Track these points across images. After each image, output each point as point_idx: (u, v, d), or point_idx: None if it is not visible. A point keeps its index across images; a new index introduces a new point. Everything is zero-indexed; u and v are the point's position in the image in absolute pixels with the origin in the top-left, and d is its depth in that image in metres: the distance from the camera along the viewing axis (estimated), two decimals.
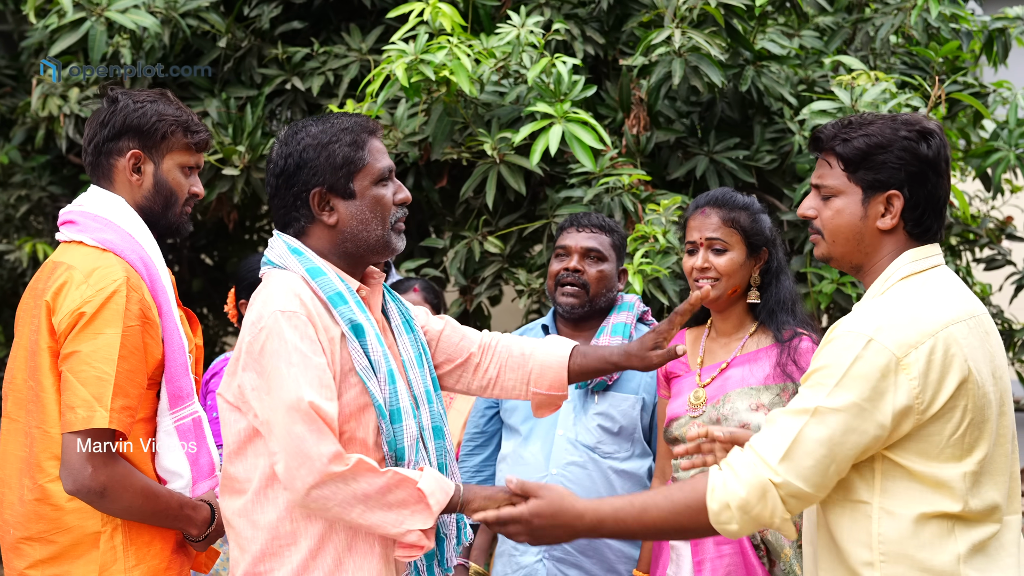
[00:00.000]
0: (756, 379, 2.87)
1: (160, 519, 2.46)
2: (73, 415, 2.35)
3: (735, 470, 2.10)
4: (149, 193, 2.57)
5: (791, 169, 4.44)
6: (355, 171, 2.33)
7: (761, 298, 2.95)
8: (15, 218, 5.28)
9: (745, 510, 2.08)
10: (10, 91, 5.50)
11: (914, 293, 2.15)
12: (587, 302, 3.23)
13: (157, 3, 4.51)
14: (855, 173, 2.21)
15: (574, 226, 3.29)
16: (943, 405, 2.06)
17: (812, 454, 2.06)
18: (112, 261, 2.45)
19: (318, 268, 2.31)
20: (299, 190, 2.33)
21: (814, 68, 4.58)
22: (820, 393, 2.07)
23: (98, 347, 2.37)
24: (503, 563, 3.27)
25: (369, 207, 2.34)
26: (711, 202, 2.96)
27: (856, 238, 2.23)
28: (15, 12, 5.43)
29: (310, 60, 4.76)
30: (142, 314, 2.43)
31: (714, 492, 2.10)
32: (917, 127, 2.20)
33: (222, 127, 4.61)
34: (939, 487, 2.08)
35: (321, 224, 2.34)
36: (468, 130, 4.27)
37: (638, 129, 4.32)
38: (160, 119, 2.55)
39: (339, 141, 2.33)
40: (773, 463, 2.07)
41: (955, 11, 4.60)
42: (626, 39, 4.64)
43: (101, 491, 2.36)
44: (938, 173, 2.20)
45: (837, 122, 2.27)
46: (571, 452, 3.18)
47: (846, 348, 2.08)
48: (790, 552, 2.75)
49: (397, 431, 2.32)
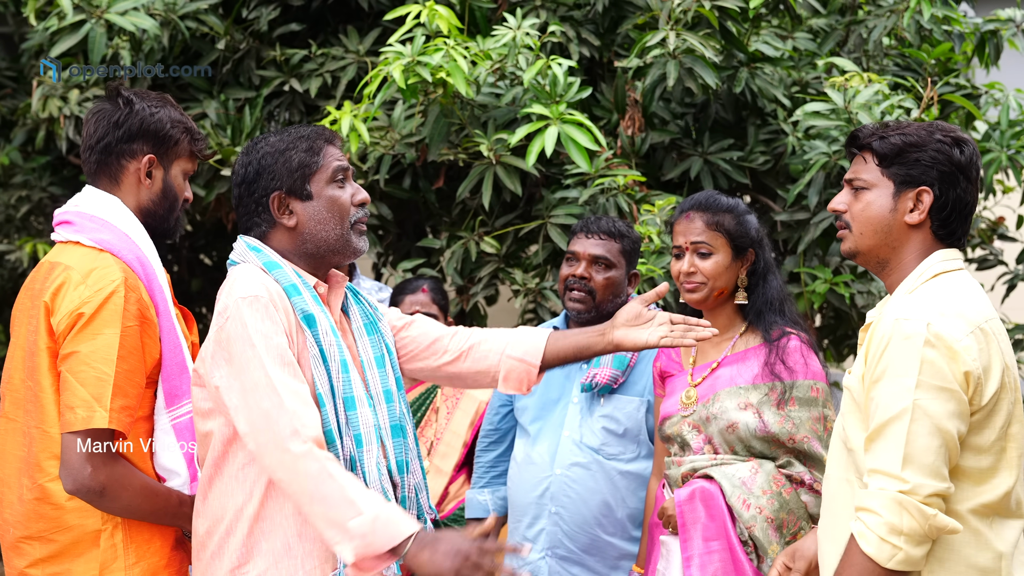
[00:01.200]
0: (744, 379, 2.89)
1: (160, 517, 2.46)
2: (73, 415, 2.35)
3: (866, 507, 2.13)
4: (157, 197, 2.57)
5: (784, 170, 4.46)
6: (310, 173, 2.43)
7: (749, 299, 2.96)
8: (15, 218, 5.30)
9: (897, 531, 2.10)
10: (11, 92, 5.52)
11: (952, 288, 2.22)
12: (593, 308, 3.24)
13: (156, 5, 4.53)
14: (889, 168, 2.28)
15: (584, 232, 3.29)
16: (993, 393, 2.14)
17: (928, 449, 2.10)
18: (109, 261, 2.45)
19: (274, 262, 2.41)
20: (259, 195, 2.44)
21: (807, 70, 4.60)
22: (905, 390, 2.11)
23: (97, 347, 2.37)
24: (510, 558, 3.31)
25: (326, 207, 2.44)
26: (695, 206, 2.97)
27: (884, 231, 2.29)
28: (16, 14, 5.45)
29: (308, 62, 4.77)
30: (140, 314, 2.43)
31: (863, 539, 2.13)
32: (952, 134, 2.27)
33: (221, 128, 4.62)
34: (982, 480, 2.16)
35: (282, 227, 2.44)
36: (464, 131, 4.27)
37: (633, 130, 4.34)
38: (173, 126, 2.56)
39: (295, 148, 2.45)
40: (897, 472, 2.10)
41: (947, 13, 4.66)
42: (621, 41, 4.65)
43: (101, 490, 2.36)
44: (968, 179, 2.26)
45: (875, 124, 2.35)
46: (576, 453, 3.21)
47: (909, 341, 2.13)
48: (778, 548, 2.77)
49: (352, 418, 2.37)
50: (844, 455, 2.32)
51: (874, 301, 4.20)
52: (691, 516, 2.79)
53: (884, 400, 2.15)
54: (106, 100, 2.60)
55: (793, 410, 2.82)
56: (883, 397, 2.15)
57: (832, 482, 2.36)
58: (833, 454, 2.38)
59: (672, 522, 2.84)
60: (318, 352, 2.37)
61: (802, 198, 4.24)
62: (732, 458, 2.85)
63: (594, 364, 3.23)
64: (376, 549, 2.21)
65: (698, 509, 2.79)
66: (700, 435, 2.89)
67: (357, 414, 2.39)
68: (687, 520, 2.80)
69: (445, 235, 4.49)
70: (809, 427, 2.83)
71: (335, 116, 4.17)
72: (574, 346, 2.59)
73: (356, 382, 2.41)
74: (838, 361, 5.07)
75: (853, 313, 4.39)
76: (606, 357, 3.20)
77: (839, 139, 4.07)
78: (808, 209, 4.23)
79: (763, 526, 2.76)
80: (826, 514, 2.38)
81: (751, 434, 2.83)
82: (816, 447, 2.82)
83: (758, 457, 2.85)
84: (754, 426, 2.82)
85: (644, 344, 2.53)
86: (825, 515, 2.38)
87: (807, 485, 2.82)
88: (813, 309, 4.33)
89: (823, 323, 4.86)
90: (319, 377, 2.36)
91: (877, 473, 2.14)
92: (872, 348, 2.21)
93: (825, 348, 4.89)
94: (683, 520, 2.80)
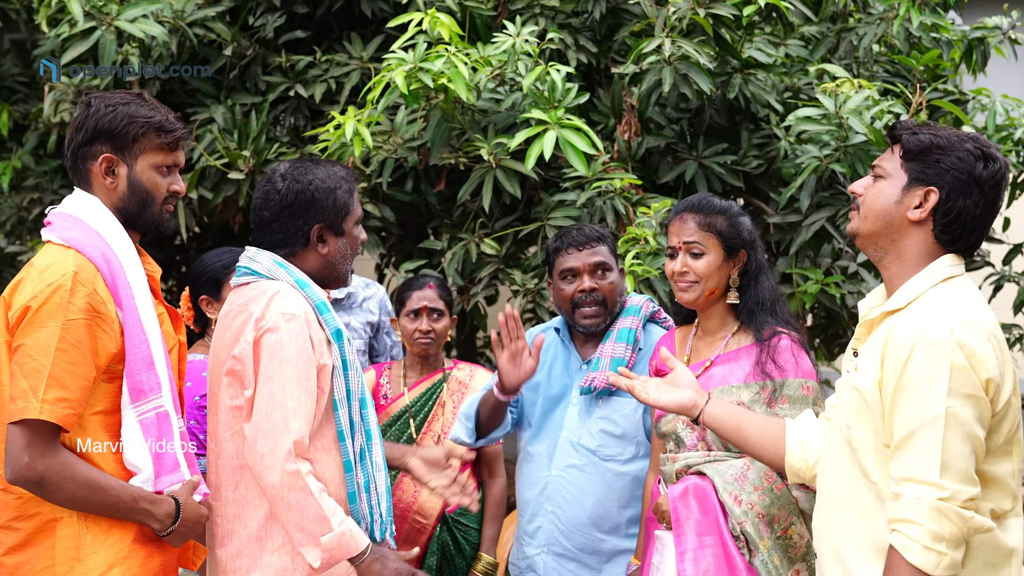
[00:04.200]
0: (736, 377, 2.90)
1: (111, 511, 2.42)
2: (14, 406, 2.35)
3: (905, 519, 2.13)
4: (124, 195, 2.54)
5: (777, 173, 4.48)
6: (347, 214, 2.73)
7: (741, 299, 2.97)
8: (28, 220, 5.35)
9: (939, 538, 2.10)
10: (23, 98, 5.57)
11: (963, 295, 2.22)
12: (607, 315, 3.25)
13: (165, 13, 4.56)
14: (909, 163, 2.28)
15: (574, 246, 3.26)
16: (1007, 399, 2.16)
17: (963, 455, 2.11)
18: (68, 257, 2.43)
19: (304, 281, 2.67)
20: (304, 223, 2.69)
21: (799, 76, 4.62)
22: (937, 398, 2.11)
23: (39, 340, 2.35)
24: (516, 549, 3.39)
25: (350, 245, 2.76)
26: (689, 208, 2.98)
27: (885, 219, 2.28)
28: (28, 21, 5.48)
29: (313, 68, 4.80)
30: (90, 308, 2.39)
31: (907, 551, 2.12)
32: (985, 148, 2.25)
33: (228, 132, 4.65)
34: (993, 484, 2.19)
35: (315, 253, 2.72)
36: (465, 136, 4.29)
37: (629, 135, 4.36)
38: (131, 121, 2.51)
39: (340, 188, 2.72)
40: (935, 480, 2.10)
41: (936, 21, 4.67)
42: (618, 48, 4.67)
43: (39, 481, 2.34)
44: (983, 194, 2.24)
45: (918, 121, 2.33)
46: (572, 455, 3.25)
47: (936, 348, 2.12)
48: (769, 543, 2.78)
49: (365, 416, 2.71)
50: (847, 452, 2.32)
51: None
52: (685, 512, 2.80)
53: (913, 407, 2.13)
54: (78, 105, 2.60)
55: (784, 408, 2.83)
56: (911, 404, 2.14)
57: (833, 478, 2.36)
58: (834, 450, 2.38)
59: (666, 517, 2.85)
60: (342, 362, 2.63)
61: (794, 201, 4.26)
62: (725, 455, 2.86)
63: (592, 368, 3.24)
64: (338, 559, 2.55)
65: (691, 505, 2.80)
66: (694, 432, 2.91)
67: (369, 412, 2.69)
68: (681, 516, 2.80)
69: (446, 237, 4.49)
70: None
71: (339, 121, 4.20)
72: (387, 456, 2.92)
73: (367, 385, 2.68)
74: (829, 360, 5.08)
75: (844, 313, 4.40)
76: (604, 360, 3.22)
77: (830, 143, 4.10)
78: (800, 212, 4.25)
79: (754, 521, 2.77)
80: (824, 508, 2.38)
81: None
82: None
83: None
84: None
85: (425, 484, 2.94)
86: (823, 509, 2.39)
87: None
88: (805, 309, 4.34)
89: (814, 323, 4.87)
90: (340, 384, 2.62)
91: (911, 481, 2.13)
92: (891, 353, 2.19)
93: (816, 347, 4.88)
94: (677, 515, 2.81)
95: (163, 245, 5.74)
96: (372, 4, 4.86)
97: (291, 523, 2.52)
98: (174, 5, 4.60)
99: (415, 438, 3.63)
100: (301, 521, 2.51)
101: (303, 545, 2.53)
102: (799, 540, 2.83)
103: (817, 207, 4.23)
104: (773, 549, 2.80)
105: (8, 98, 5.65)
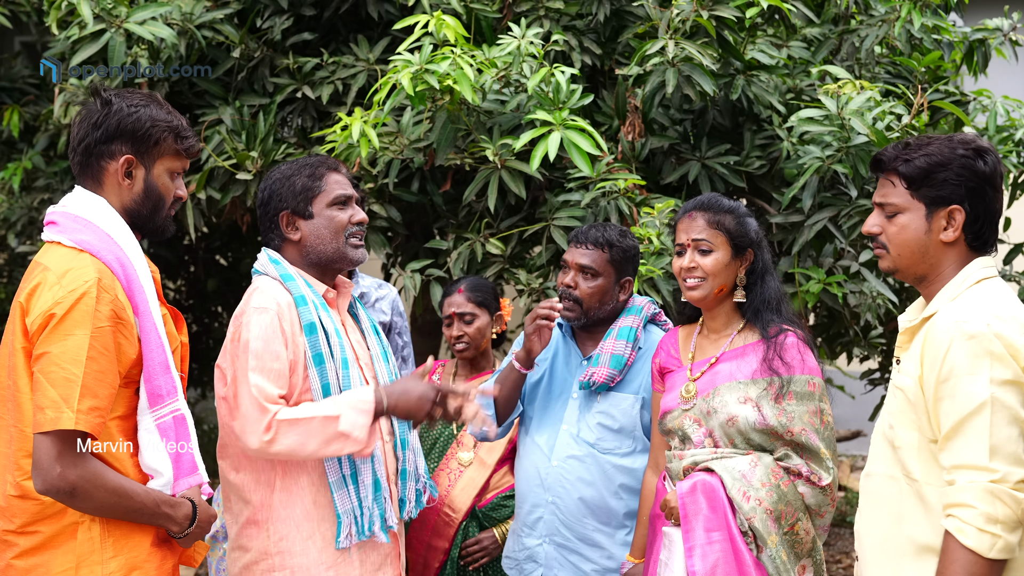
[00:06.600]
0: (743, 374, 2.93)
1: (136, 516, 2.42)
2: (43, 416, 2.30)
3: (958, 503, 2.15)
4: (139, 197, 2.51)
5: (779, 174, 4.49)
6: (312, 196, 2.85)
7: (747, 297, 3.00)
8: (38, 221, 5.34)
9: (993, 520, 2.13)
10: (33, 99, 5.58)
11: (997, 293, 2.27)
12: (582, 315, 3.28)
13: (174, 15, 4.57)
14: (918, 190, 2.30)
15: (575, 241, 3.32)
16: None
17: (1011, 439, 2.14)
18: (86, 262, 2.39)
19: (289, 274, 2.82)
20: (272, 214, 2.88)
21: (802, 77, 4.62)
22: (981, 386, 2.15)
23: (67, 348, 2.31)
24: (513, 541, 3.41)
25: (324, 225, 2.85)
26: (698, 206, 3.01)
27: (921, 251, 2.32)
28: (38, 24, 5.51)
29: (320, 70, 4.80)
30: (114, 315, 2.37)
31: (962, 534, 2.14)
32: (973, 145, 2.29)
33: (236, 134, 4.66)
34: None
35: (290, 241, 2.87)
36: (471, 137, 4.30)
37: (633, 136, 4.37)
38: (154, 124, 2.48)
39: (300, 174, 2.86)
40: (985, 464, 2.13)
41: (937, 23, 4.68)
42: (622, 50, 4.68)
43: (71, 491, 2.32)
44: (994, 188, 2.30)
45: (897, 144, 2.35)
46: (572, 447, 3.28)
47: (975, 340, 2.17)
48: (776, 539, 2.81)
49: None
50: (889, 452, 2.35)
51: (866, 300, 4.23)
52: (693, 508, 2.83)
53: (959, 398, 2.17)
54: (90, 100, 2.54)
55: (790, 404, 2.87)
56: (956, 395, 2.17)
57: (875, 479, 2.40)
58: (877, 451, 2.41)
59: (674, 514, 2.87)
60: (317, 355, 2.75)
61: (796, 201, 4.28)
62: (732, 451, 2.89)
63: (592, 363, 3.28)
64: (366, 424, 2.68)
65: (700, 501, 2.83)
66: (701, 428, 2.94)
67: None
68: (689, 512, 2.83)
69: (452, 236, 4.50)
70: (806, 420, 2.87)
71: (346, 122, 4.21)
72: None
73: (355, 375, 2.82)
74: (831, 358, 5.09)
75: (846, 312, 4.42)
76: (604, 356, 3.26)
77: (832, 144, 4.11)
78: (802, 212, 4.26)
79: (762, 517, 2.80)
80: (867, 508, 2.41)
81: (750, 427, 2.88)
82: (813, 439, 2.86)
83: (757, 450, 2.89)
84: (753, 419, 2.87)
85: (467, 403, 2.93)
86: (865, 509, 2.42)
87: (804, 477, 2.86)
88: (807, 308, 4.35)
89: (817, 322, 4.89)
90: (316, 376, 2.73)
91: (963, 468, 2.16)
92: (930, 350, 2.23)
93: (819, 346, 4.89)
94: (685, 512, 2.84)
95: (171, 245, 5.77)
96: (379, 6, 4.87)
97: (318, 451, 2.66)
98: (183, 8, 4.61)
99: (455, 435, 3.71)
100: (318, 440, 2.65)
101: (342, 451, 2.67)
102: (805, 536, 2.86)
103: (819, 207, 4.26)
104: (780, 545, 2.83)
105: (19, 100, 5.67)
